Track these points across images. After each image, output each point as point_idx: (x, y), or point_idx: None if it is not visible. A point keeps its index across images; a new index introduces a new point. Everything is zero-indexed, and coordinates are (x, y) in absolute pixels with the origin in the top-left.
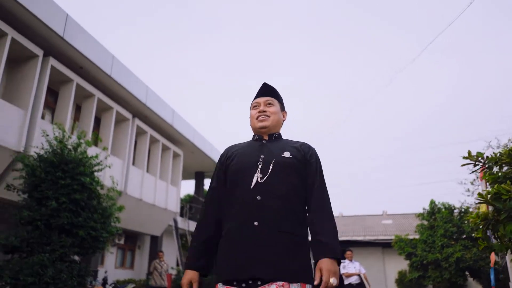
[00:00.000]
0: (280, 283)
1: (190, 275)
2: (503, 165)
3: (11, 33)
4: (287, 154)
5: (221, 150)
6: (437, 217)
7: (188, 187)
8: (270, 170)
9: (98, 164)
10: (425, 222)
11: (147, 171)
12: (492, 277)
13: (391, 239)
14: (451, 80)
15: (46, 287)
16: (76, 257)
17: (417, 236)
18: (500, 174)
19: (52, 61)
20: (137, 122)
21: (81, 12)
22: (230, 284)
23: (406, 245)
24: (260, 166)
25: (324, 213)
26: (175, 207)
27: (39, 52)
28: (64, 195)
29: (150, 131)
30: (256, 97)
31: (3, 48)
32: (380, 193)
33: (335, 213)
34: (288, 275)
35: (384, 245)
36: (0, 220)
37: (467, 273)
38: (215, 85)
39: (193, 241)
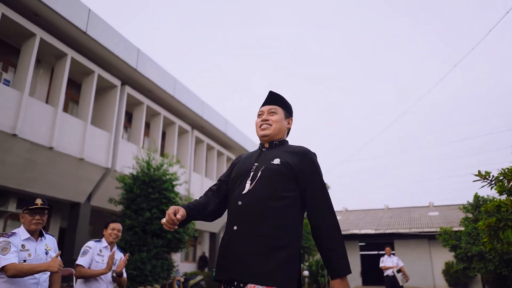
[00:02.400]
0: (252, 286)
1: (177, 207)
2: (510, 181)
3: (97, 70)
4: (276, 161)
5: None
6: (482, 210)
7: None
8: (257, 177)
9: (176, 178)
10: (470, 215)
11: (206, 175)
12: None
13: (437, 231)
14: None
15: (145, 279)
16: (167, 255)
17: (462, 228)
18: (509, 187)
19: (128, 89)
20: (196, 133)
21: (142, 41)
22: (222, 284)
23: (451, 238)
24: (252, 174)
25: (331, 230)
26: None
27: (117, 83)
28: (154, 206)
29: (206, 140)
30: (262, 105)
31: (92, 82)
32: (427, 184)
33: (381, 205)
34: (259, 278)
35: (430, 237)
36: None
37: None
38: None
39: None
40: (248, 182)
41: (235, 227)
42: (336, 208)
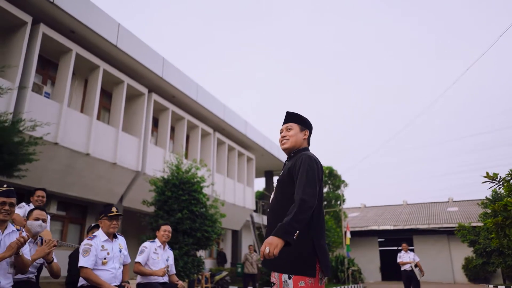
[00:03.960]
0: (273, 273)
1: None
2: None
3: (126, 79)
4: (282, 173)
5: None
6: (489, 208)
7: (258, 184)
8: (275, 187)
9: (204, 181)
10: (489, 211)
11: (228, 176)
12: None
13: (455, 227)
14: None
15: (178, 274)
16: (197, 252)
17: (481, 224)
18: None
19: (154, 96)
20: (217, 135)
21: (166, 48)
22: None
23: (469, 233)
24: (275, 186)
25: (292, 208)
26: (251, 204)
27: (145, 90)
28: (185, 207)
29: (227, 142)
30: (282, 124)
31: (122, 91)
32: (446, 179)
33: (400, 201)
34: (274, 266)
35: (449, 233)
36: (140, 226)
37: None
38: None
39: None
40: (273, 194)
41: (266, 228)
42: (354, 204)
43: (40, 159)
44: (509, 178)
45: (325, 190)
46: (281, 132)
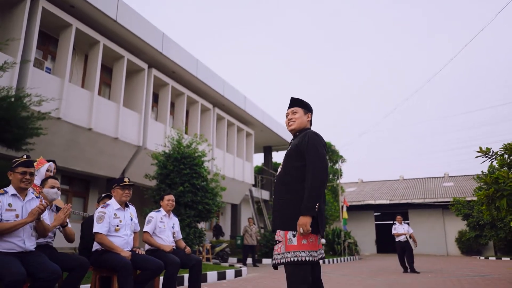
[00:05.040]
0: (278, 232)
1: None
2: (509, 155)
3: (126, 55)
4: (289, 148)
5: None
6: (480, 181)
7: (257, 159)
8: (282, 162)
9: (205, 155)
10: (484, 185)
11: (227, 151)
12: None
13: (450, 201)
14: None
15: None
16: (198, 224)
17: (475, 198)
18: (508, 160)
19: (154, 71)
20: (217, 110)
21: (166, 24)
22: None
23: (463, 207)
24: (282, 160)
25: (307, 183)
26: (250, 179)
27: (145, 66)
28: (186, 181)
29: (227, 117)
30: (287, 109)
31: (122, 67)
32: (443, 154)
33: (396, 176)
34: (280, 225)
35: (444, 207)
36: (142, 199)
37: None
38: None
39: None
40: (280, 167)
41: (273, 197)
42: (351, 180)
43: (46, 134)
44: (503, 152)
45: None
46: (287, 116)
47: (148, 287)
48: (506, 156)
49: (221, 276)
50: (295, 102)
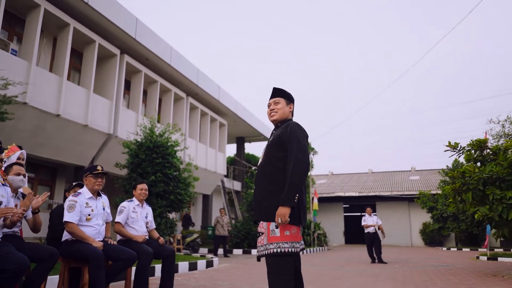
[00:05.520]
0: (261, 223)
1: None
2: (475, 150)
3: (98, 39)
4: (271, 138)
5: (260, 118)
6: (448, 175)
7: (229, 150)
8: (263, 152)
9: (178, 145)
10: (448, 179)
11: (200, 141)
12: (488, 226)
13: (416, 194)
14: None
15: None
16: (169, 214)
17: (439, 192)
18: (475, 156)
19: (127, 58)
20: (190, 99)
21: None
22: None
23: (429, 200)
24: (263, 151)
25: (287, 174)
26: (222, 170)
27: (117, 51)
28: (158, 170)
29: (200, 106)
30: (269, 99)
31: (93, 51)
32: (410, 149)
33: (365, 169)
34: (264, 217)
35: (410, 200)
36: (112, 188)
37: (484, 223)
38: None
39: None
40: (260, 158)
41: (254, 187)
42: (322, 172)
43: (12, 119)
44: (470, 148)
45: None
46: (269, 106)
47: (120, 278)
48: (473, 151)
49: (193, 267)
50: (278, 93)
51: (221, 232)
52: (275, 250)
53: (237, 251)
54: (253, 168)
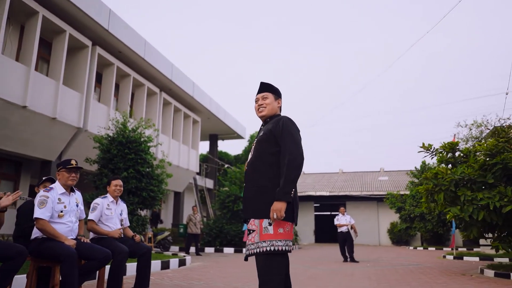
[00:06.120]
0: (252, 221)
1: None
2: (447, 152)
3: (68, 29)
4: (261, 133)
5: (234, 115)
6: (422, 176)
7: (202, 147)
8: (253, 148)
9: (151, 140)
10: (416, 180)
11: (172, 137)
12: (453, 226)
13: (385, 195)
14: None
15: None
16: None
17: (407, 192)
18: (447, 157)
19: (99, 50)
20: (164, 95)
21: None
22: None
23: (397, 200)
24: (252, 147)
25: (282, 169)
26: (195, 167)
27: (88, 43)
28: (131, 166)
29: (174, 102)
30: (256, 94)
31: (63, 42)
32: (380, 150)
33: (336, 169)
34: (254, 214)
35: (378, 200)
36: (81, 184)
37: (448, 224)
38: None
39: None
40: (250, 154)
41: (244, 185)
42: None
43: None
44: (442, 150)
45: None
46: (256, 101)
47: (92, 277)
48: (445, 153)
49: (165, 265)
50: (265, 87)
51: (193, 230)
52: (268, 248)
53: (209, 250)
54: (226, 166)
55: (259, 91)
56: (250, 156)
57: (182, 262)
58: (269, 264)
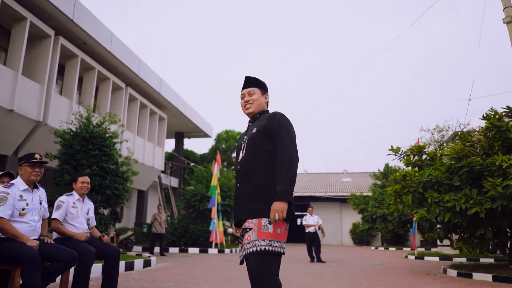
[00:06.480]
0: (248, 220)
1: None
2: (414, 155)
3: (30, 17)
4: (254, 130)
5: (201, 113)
6: (389, 178)
7: (168, 145)
8: (245, 146)
9: (117, 136)
10: (378, 182)
11: (137, 134)
12: (414, 227)
13: (348, 196)
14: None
15: None
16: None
17: (370, 194)
18: (414, 160)
19: (62, 40)
20: (130, 90)
21: None
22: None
23: (360, 202)
24: (243, 144)
25: (280, 167)
26: (160, 165)
27: (51, 32)
28: (94, 163)
29: (140, 98)
30: (242, 89)
31: (23, 30)
32: (344, 152)
33: (301, 170)
34: (251, 214)
35: (342, 201)
36: (40, 180)
37: (408, 225)
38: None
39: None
40: (242, 152)
41: (238, 185)
42: None
43: None
44: (409, 153)
45: (234, 155)
46: (242, 97)
47: (52, 280)
48: (411, 156)
49: (129, 267)
50: (251, 82)
51: (158, 230)
52: (266, 248)
53: (174, 250)
54: (192, 164)
55: (245, 86)
56: (241, 155)
57: (147, 263)
58: (265, 263)
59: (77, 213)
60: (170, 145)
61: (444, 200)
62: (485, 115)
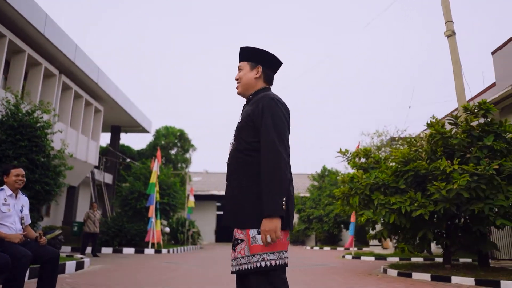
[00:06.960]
0: (236, 230)
1: None
2: (361, 158)
3: None
4: (240, 119)
5: (140, 106)
6: (326, 180)
7: (103, 139)
8: (233, 136)
9: (50, 126)
10: (316, 183)
11: (70, 126)
12: (351, 228)
13: None
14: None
15: None
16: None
17: (307, 195)
18: (359, 163)
19: None
20: (64, 78)
21: None
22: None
23: (298, 202)
24: (234, 135)
25: (264, 171)
26: (94, 160)
27: None
28: (23, 155)
29: (75, 87)
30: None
31: None
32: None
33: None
34: (239, 223)
35: None
36: None
37: (342, 225)
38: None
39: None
40: (231, 143)
41: (226, 183)
42: (197, 170)
43: None
44: (356, 155)
45: (173, 152)
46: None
47: None
48: (357, 159)
49: (61, 269)
50: (241, 55)
51: (91, 229)
52: (258, 264)
53: (107, 250)
54: (128, 160)
55: (239, 61)
56: (230, 148)
57: (79, 265)
58: (263, 281)
59: (9, 211)
60: (105, 139)
61: (390, 202)
62: (429, 123)
